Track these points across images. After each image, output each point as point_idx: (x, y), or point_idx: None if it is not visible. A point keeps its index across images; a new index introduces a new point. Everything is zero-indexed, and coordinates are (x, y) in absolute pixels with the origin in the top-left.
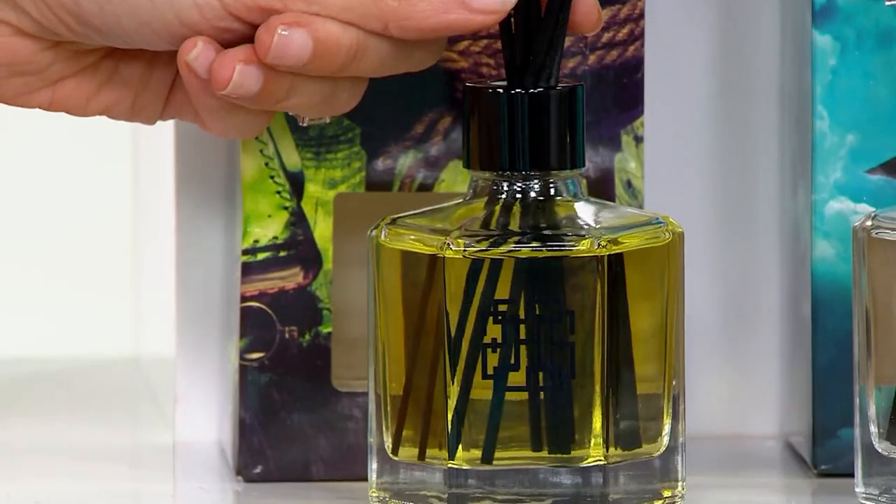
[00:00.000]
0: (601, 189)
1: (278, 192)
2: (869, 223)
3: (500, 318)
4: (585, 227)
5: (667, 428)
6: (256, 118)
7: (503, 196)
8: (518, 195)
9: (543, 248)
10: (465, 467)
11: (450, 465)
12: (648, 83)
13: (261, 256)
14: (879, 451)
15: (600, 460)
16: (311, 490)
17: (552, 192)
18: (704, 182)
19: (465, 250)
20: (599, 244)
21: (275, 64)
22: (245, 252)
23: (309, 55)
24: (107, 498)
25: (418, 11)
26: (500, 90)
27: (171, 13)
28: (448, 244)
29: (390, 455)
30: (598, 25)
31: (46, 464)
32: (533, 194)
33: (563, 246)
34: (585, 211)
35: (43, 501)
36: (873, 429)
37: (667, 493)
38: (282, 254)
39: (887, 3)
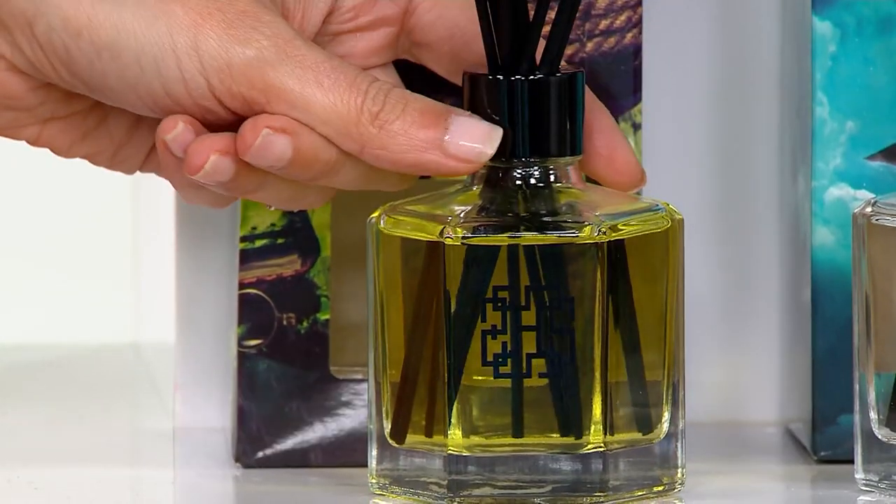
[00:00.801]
0: None
1: None
2: (869, 209)
3: (499, 304)
4: (585, 213)
5: (666, 414)
6: (224, 198)
7: (503, 183)
8: (518, 182)
9: (543, 235)
10: (464, 454)
11: (450, 452)
12: (646, 70)
13: (259, 243)
14: (879, 437)
15: (600, 447)
16: (309, 476)
17: (552, 178)
18: (704, 169)
19: (464, 237)
20: (600, 231)
21: (251, 162)
22: (243, 239)
23: (286, 162)
24: (106, 484)
25: (396, 144)
26: (500, 77)
27: (158, 82)
28: (448, 231)
29: (390, 441)
30: (643, 181)
31: (46, 450)
32: (533, 181)
33: (564, 233)
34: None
35: (42, 487)
36: (873, 415)
37: (666, 480)
38: (280, 241)
39: None
